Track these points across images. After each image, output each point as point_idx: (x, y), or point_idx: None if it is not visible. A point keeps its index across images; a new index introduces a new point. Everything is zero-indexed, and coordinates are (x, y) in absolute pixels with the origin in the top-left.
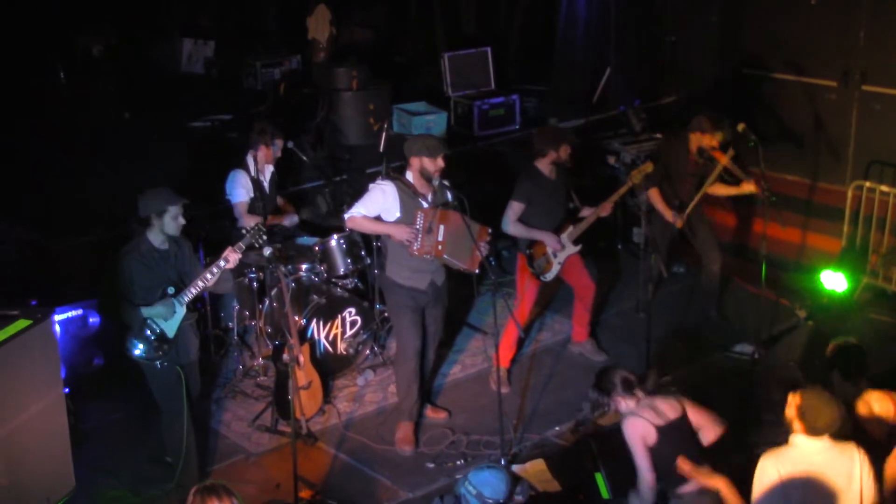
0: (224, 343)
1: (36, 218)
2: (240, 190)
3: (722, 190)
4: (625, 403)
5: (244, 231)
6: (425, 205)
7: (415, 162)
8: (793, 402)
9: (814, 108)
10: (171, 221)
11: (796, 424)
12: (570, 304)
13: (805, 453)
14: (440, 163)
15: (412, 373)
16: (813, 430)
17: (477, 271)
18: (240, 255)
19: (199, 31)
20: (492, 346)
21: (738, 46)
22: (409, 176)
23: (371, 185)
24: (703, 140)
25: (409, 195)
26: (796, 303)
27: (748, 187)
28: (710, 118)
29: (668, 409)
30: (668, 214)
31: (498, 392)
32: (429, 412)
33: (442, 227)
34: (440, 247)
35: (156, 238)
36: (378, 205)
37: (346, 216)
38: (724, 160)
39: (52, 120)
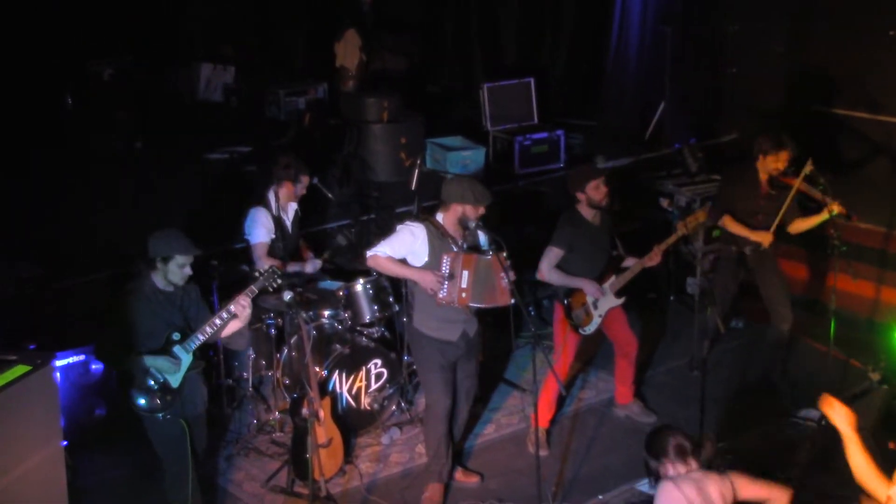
0: (237, 395)
1: (38, 254)
2: (260, 229)
3: (804, 224)
4: (673, 469)
5: (257, 274)
6: (454, 248)
7: (456, 208)
8: None
9: (891, 148)
10: (177, 270)
11: None
12: (614, 361)
13: None
14: (482, 211)
15: (442, 433)
16: None
17: (512, 301)
18: (248, 302)
19: (218, 55)
20: (530, 405)
21: (807, 80)
22: (441, 218)
23: (399, 226)
24: (768, 164)
25: (438, 238)
26: (869, 364)
27: (829, 209)
28: (770, 136)
29: (717, 495)
30: (755, 235)
31: (536, 455)
32: (459, 475)
33: (466, 274)
34: (464, 294)
35: (160, 280)
36: (406, 247)
37: (369, 253)
38: (797, 183)
39: (58, 148)
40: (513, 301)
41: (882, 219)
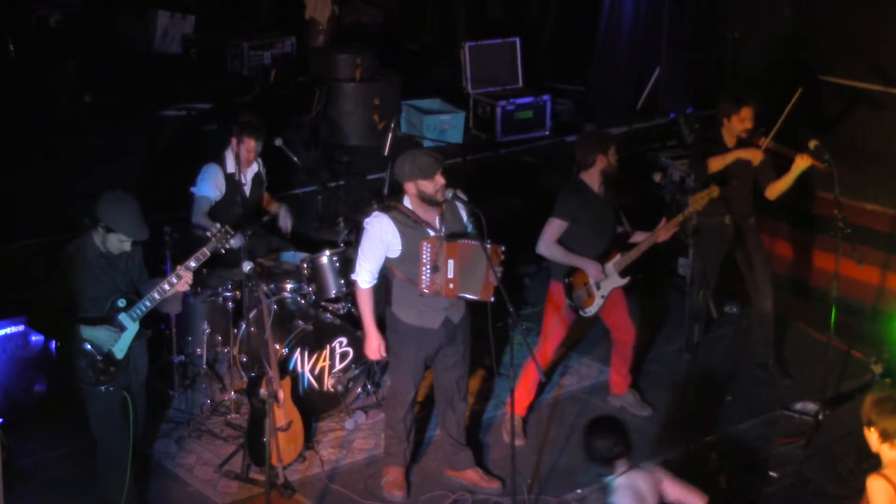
0: (190, 372)
1: None
2: (208, 184)
3: (781, 183)
4: (605, 470)
5: (208, 234)
6: (432, 233)
7: (410, 187)
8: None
9: None
10: (115, 242)
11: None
12: (599, 346)
13: None
14: (440, 180)
15: (402, 417)
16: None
17: (492, 299)
18: (190, 274)
19: (177, 3)
20: (506, 390)
21: (815, 48)
22: (408, 202)
23: (364, 224)
24: (734, 126)
25: (409, 226)
26: (871, 356)
27: (801, 162)
28: (727, 95)
29: (649, 492)
30: (744, 152)
31: (511, 445)
32: (477, 479)
33: (451, 263)
34: (451, 285)
35: (101, 243)
36: (381, 246)
37: (353, 277)
38: (763, 142)
39: None
40: (492, 300)
41: (890, 200)
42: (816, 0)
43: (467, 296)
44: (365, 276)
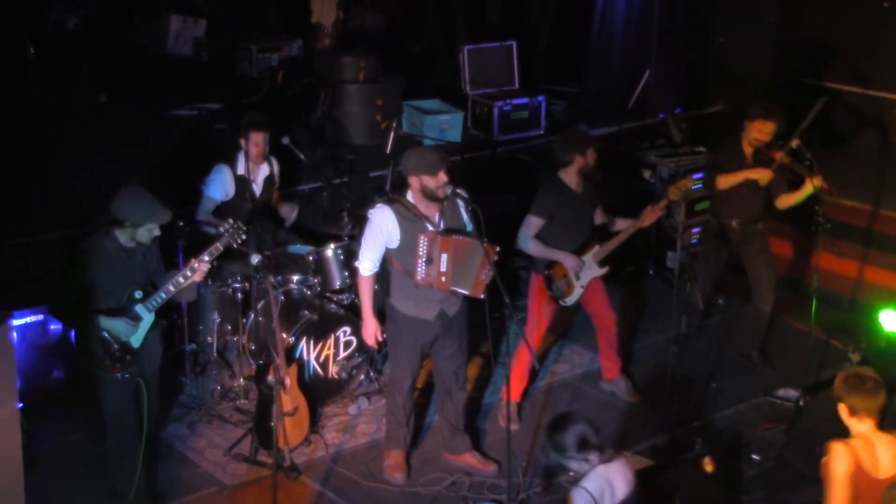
0: (201, 360)
1: None
2: (216, 185)
3: (790, 198)
4: (577, 465)
5: (221, 230)
6: (430, 227)
7: (414, 182)
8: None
9: (880, 124)
10: (146, 233)
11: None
12: (591, 335)
13: None
14: (442, 178)
15: (402, 403)
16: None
17: (483, 296)
18: (206, 266)
19: (188, 7)
20: (501, 377)
21: (797, 52)
22: (411, 196)
23: (368, 215)
24: (752, 132)
25: (409, 218)
26: (850, 345)
27: (812, 185)
28: (761, 103)
29: (622, 482)
30: (753, 172)
31: (507, 429)
32: (474, 462)
33: (444, 257)
34: (443, 278)
35: (125, 238)
36: (382, 236)
37: (356, 264)
38: (779, 156)
39: (16, 101)
40: (483, 296)
41: (869, 196)
42: (799, 7)
43: (458, 290)
44: (367, 263)
